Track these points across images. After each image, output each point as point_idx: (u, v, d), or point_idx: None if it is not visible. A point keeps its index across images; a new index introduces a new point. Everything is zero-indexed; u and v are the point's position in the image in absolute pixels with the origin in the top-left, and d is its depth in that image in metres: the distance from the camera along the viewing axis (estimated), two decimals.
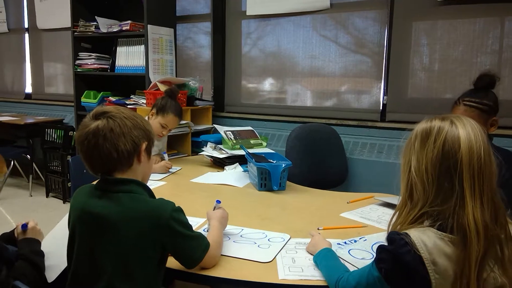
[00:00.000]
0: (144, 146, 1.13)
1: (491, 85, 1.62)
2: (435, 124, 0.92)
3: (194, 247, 1.11)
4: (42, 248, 1.32)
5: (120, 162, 1.09)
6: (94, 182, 1.17)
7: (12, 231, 1.38)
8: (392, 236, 0.90)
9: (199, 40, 3.65)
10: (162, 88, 2.80)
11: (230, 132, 2.45)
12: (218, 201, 1.40)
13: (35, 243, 1.31)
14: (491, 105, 1.56)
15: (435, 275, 0.85)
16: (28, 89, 4.92)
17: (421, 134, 0.93)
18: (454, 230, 0.86)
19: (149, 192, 1.15)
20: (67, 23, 3.69)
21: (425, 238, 0.87)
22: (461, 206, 0.86)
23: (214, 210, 1.38)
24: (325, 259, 1.14)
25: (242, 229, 1.42)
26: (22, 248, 1.27)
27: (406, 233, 0.88)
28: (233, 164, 2.32)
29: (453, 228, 0.86)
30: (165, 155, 2.41)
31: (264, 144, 2.46)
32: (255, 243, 1.32)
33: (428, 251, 0.85)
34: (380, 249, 0.92)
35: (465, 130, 0.89)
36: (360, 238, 1.36)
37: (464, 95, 1.63)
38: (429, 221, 0.90)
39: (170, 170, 2.26)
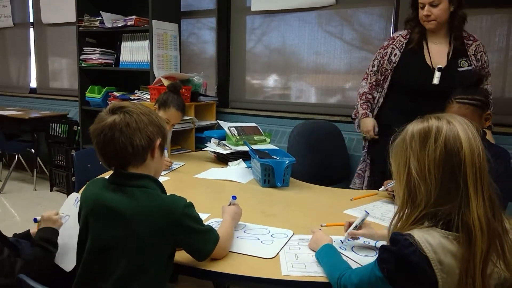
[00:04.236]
0: (158, 142, 1.15)
1: (479, 81, 1.68)
2: (432, 124, 0.91)
3: (206, 240, 1.14)
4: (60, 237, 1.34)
5: (134, 157, 1.11)
6: (106, 176, 1.18)
7: (27, 231, 1.40)
8: (396, 237, 0.89)
9: (204, 36, 3.64)
10: (166, 83, 2.80)
11: (233, 128, 2.45)
12: (234, 197, 1.42)
13: (46, 230, 1.32)
14: (483, 100, 1.60)
15: (442, 274, 0.84)
16: (33, 83, 4.94)
17: (419, 135, 0.92)
18: (459, 229, 0.86)
19: (161, 187, 1.17)
20: (72, 17, 3.70)
21: (430, 238, 0.86)
22: (466, 204, 0.86)
23: (229, 205, 1.41)
24: (326, 255, 1.14)
25: (246, 225, 1.42)
26: (34, 238, 1.31)
27: (410, 234, 0.88)
28: (237, 160, 2.32)
29: (458, 226, 0.86)
30: (165, 152, 2.38)
31: (268, 140, 2.45)
32: (258, 239, 1.32)
33: (433, 251, 0.85)
34: (383, 249, 0.92)
35: (463, 128, 0.89)
36: None
37: (455, 93, 1.66)
38: (431, 221, 0.90)
39: (173, 166, 2.25)
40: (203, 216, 1.49)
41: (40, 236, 1.29)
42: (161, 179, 2.02)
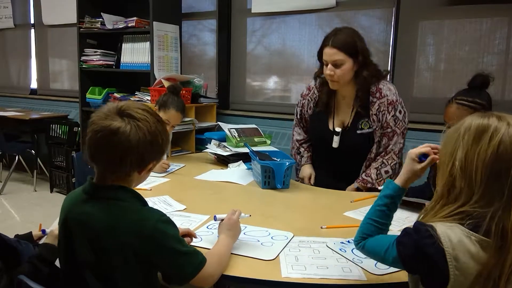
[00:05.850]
0: (150, 166, 1.08)
1: (484, 84, 1.64)
2: (492, 122, 0.88)
3: (184, 263, 1.02)
4: None
5: (119, 169, 1.03)
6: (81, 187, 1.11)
7: (29, 233, 1.40)
8: (418, 226, 0.89)
9: (204, 38, 3.65)
10: (167, 85, 2.81)
11: (234, 130, 2.45)
12: (215, 218, 1.28)
13: (47, 249, 1.28)
14: (483, 104, 1.58)
15: (456, 272, 0.83)
16: (34, 84, 4.95)
17: (476, 129, 0.89)
18: (492, 233, 0.83)
19: (139, 198, 1.08)
20: (73, 19, 3.71)
21: (451, 234, 0.85)
22: (506, 210, 0.84)
23: (221, 221, 1.28)
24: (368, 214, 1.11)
25: (246, 227, 1.42)
26: (37, 252, 1.28)
27: (432, 226, 0.87)
28: (237, 161, 2.32)
29: (489, 231, 0.84)
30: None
31: (268, 142, 2.45)
32: (259, 240, 1.32)
33: (452, 247, 0.84)
34: (405, 232, 0.92)
35: None
36: None
37: (457, 94, 1.65)
38: (465, 220, 0.87)
39: (173, 168, 2.25)
40: (202, 217, 1.50)
41: (38, 253, 1.24)
42: (161, 180, 2.04)
